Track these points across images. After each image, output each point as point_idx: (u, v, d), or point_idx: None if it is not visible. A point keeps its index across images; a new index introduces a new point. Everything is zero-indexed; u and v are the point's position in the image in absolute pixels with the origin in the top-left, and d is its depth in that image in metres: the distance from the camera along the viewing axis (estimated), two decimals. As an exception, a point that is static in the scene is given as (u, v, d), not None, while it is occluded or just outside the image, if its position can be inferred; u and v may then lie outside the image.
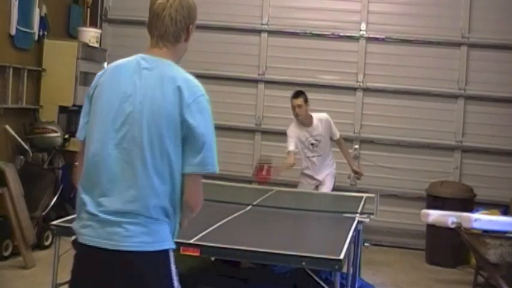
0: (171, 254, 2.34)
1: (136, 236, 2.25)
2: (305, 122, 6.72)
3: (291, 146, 6.67)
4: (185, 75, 2.35)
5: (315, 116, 6.78)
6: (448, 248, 6.96)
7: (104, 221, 2.27)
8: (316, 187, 6.99)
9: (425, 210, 5.91)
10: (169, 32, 2.38)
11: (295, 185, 7.06)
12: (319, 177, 6.94)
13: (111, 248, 2.25)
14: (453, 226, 5.34)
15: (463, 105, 7.91)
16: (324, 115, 6.81)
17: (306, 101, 6.65)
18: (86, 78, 7.51)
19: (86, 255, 2.33)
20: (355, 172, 7.08)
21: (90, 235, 2.30)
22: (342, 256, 3.36)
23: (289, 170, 6.80)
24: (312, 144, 6.79)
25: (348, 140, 7.99)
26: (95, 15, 8.54)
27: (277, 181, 7.55)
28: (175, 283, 2.34)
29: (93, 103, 2.40)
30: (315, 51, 8.14)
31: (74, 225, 2.38)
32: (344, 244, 3.67)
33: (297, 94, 6.69)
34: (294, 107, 6.66)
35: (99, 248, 2.27)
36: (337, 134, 6.89)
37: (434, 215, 5.63)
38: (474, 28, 7.87)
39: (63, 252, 3.64)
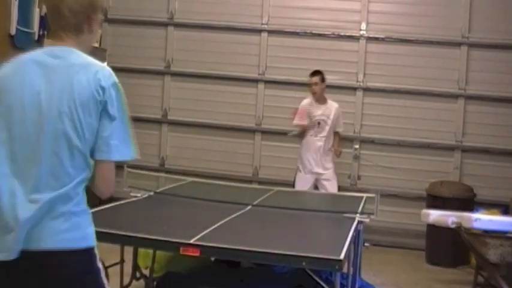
0: None
1: None
2: (320, 100, 7.12)
3: (304, 122, 7.03)
4: (98, 63, 2.30)
5: (330, 101, 7.24)
6: (448, 248, 6.96)
7: None
8: (315, 183, 6.97)
9: (425, 210, 5.89)
10: (70, 24, 2.29)
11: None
12: (319, 168, 6.99)
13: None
14: (453, 226, 5.32)
15: (463, 105, 7.90)
16: (336, 104, 7.25)
17: (322, 80, 7.10)
18: (85, 78, 7.50)
19: None
20: (335, 150, 7.19)
21: None
22: (342, 256, 3.35)
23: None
24: (319, 123, 7.04)
25: (348, 139, 7.99)
26: (94, 15, 8.53)
27: (277, 181, 7.58)
28: None
29: None
30: (315, 51, 8.13)
31: None
32: (344, 244, 3.66)
33: (314, 73, 7.15)
34: (310, 85, 7.09)
35: None
36: (340, 128, 7.29)
37: (435, 215, 5.62)
38: (474, 28, 7.86)
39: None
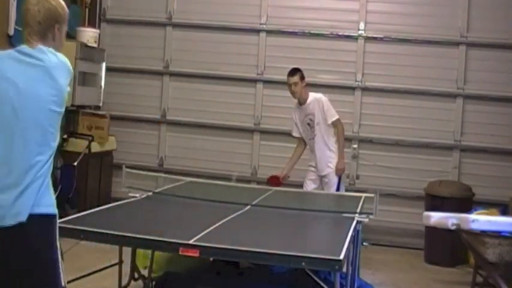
0: None
1: None
2: (301, 100, 6.65)
3: (294, 132, 6.86)
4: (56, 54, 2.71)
5: (312, 94, 6.68)
6: (447, 247, 6.96)
7: None
8: (320, 181, 6.71)
9: (426, 213, 5.81)
10: (35, 30, 2.71)
11: (297, 185, 7.00)
12: (320, 169, 6.63)
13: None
14: (454, 228, 5.31)
15: (462, 105, 7.91)
16: (318, 95, 6.68)
17: (302, 78, 6.55)
18: (84, 78, 7.51)
19: None
20: (336, 169, 6.61)
21: None
22: (341, 256, 3.35)
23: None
24: (308, 124, 6.67)
25: (347, 139, 7.94)
26: (93, 15, 8.53)
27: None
28: None
29: None
30: (314, 50, 8.13)
31: None
32: (344, 244, 3.66)
33: (293, 72, 6.58)
34: (289, 85, 6.56)
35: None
36: (330, 118, 6.58)
37: (436, 217, 5.58)
38: (472, 27, 7.87)
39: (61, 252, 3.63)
